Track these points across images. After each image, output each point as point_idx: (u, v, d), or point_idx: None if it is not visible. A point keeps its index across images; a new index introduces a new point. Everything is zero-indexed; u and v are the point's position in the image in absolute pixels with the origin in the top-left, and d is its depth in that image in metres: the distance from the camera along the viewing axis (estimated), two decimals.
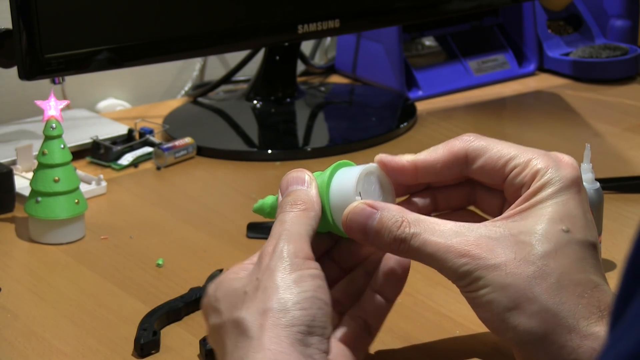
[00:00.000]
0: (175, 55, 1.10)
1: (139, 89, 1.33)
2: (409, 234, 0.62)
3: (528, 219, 0.62)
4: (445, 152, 0.66)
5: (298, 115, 1.21)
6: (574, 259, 0.61)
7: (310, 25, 1.12)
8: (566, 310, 0.60)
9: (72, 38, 0.98)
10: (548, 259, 0.60)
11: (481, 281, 0.60)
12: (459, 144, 0.65)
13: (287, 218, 0.63)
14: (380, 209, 0.63)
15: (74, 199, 0.88)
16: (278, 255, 0.60)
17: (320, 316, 0.58)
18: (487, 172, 0.65)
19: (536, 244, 0.61)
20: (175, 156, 1.07)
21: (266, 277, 0.59)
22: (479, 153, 0.65)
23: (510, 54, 1.37)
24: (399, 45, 1.29)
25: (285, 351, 0.57)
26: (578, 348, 0.60)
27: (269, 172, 1.06)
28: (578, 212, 0.62)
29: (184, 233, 0.91)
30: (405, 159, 0.67)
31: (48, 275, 0.83)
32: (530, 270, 0.60)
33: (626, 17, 1.42)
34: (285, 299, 0.58)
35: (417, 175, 0.67)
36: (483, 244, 0.61)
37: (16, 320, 0.76)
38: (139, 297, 0.79)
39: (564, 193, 0.62)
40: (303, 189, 0.65)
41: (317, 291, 0.59)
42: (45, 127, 0.87)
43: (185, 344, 0.72)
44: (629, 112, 1.23)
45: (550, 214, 0.62)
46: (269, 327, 0.57)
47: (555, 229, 0.61)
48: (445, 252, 0.61)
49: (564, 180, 0.62)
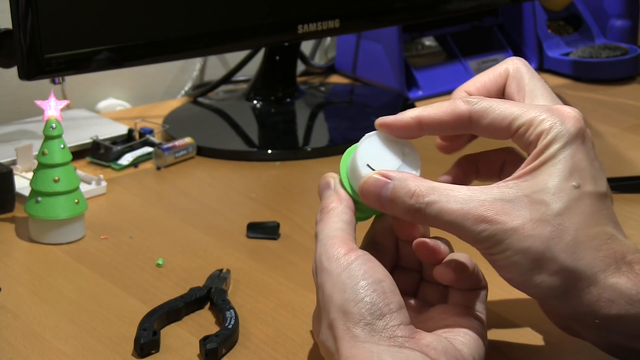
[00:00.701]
0: (175, 55, 1.10)
1: (139, 89, 1.33)
2: (423, 203, 0.63)
3: (538, 177, 0.63)
4: (450, 112, 0.66)
5: (298, 115, 1.21)
6: (587, 213, 0.62)
7: (310, 25, 1.12)
8: (584, 265, 0.61)
9: (72, 38, 0.98)
10: (563, 217, 0.62)
11: (501, 245, 0.62)
12: (463, 105, 0.66)
13: (317, 229, 0.65)
14: (393, 179, 0.64)
15: (74, 199, 0.88)
16: (319, 269, 0.62)
17: (377, 297, 0.60)
18: (492, 133, 0.66)
19: (550, 202, 0.62)
20: (175, 156, 1.07)
21: (320, 295, 0.62)
22: (482, 115, 0.65)
23: (510, 54, 1.37)
24: (399, 45, 1.29)
25: (363, 350, 0.58)
26: (597, 300, 0.62)
27: (269, 172, 1.06)
28: (585, 164, 0.63)
29: (184, 233, 0.91)
30: (408, 115, 0.67)
31: (48, 275, 0.83)
32: (547, 230, 0.61)
33: (626, 17, 1.42)
34: (340, 304, 0.60)
35: (422, 131, 0.67)
36: (499, 207, 0.62)
37: (16, 320, 0.76)
38: (139, 297, 0.79)
39: (570, 147, 0.63)
40: (329, 190, 0.67)
41: (365, 278, 0.60)
42: (45, 127, 0.88)
43: (185, 344, 0.72)
44: (629, 112, 1.23)
45: (559, 170, 0.62)
46: (340, 337, 0.60)
47: (566, 185, 0.62)
48: (463, 219, 0.62)
49: (569, 134, 0.63)
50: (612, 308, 0.61)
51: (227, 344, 0.70)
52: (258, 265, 0.84)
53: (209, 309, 0.77)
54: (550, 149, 0.63)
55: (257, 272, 0.83)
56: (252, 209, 0.96)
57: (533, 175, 0.63)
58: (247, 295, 0.79)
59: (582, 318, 0.63)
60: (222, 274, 0.80)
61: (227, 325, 0.72)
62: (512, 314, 0.75)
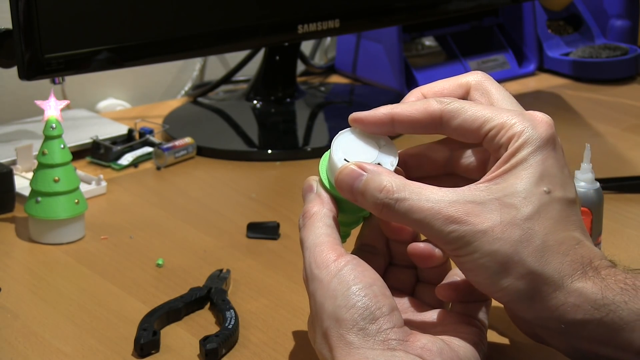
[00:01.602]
0: (175, 55, 1.10)
1: (139, 89, 1.33)
2: (392, 199, 0.62)
3: (509, 180, 0.63)
4: (422, 111, 0.66)
5: (298, 115, 1.21)
6: (556, 218, 0.62)
7: (310, 25, 1.12)
8: (551, 270, 0.61)
9: (72, 38, 0.98)
10: (532, 222, 0.62)
11: (470, 247, 0.61)
12: (435, 104, 0.66)
13: (302, 234, 0.65)
14: (368, 172, 0.64)
15: (74, 199, 0.88)
16: (310, 277, 0.62)
17: (369, 301, 0.60)
18: (462, 134, 0.66)
19: (520, 206, 0.62)
20: (175, 156, 1.07)
21: (312, 304, 0.62)
22: (454, 115, 0.65)
23: (510, 54, 1.37)
24: (399, 45, 1.29)
25: (358, 356, 0.59)
26: (563, 304, 0.62)
27: (269, 172, 1.06)
28: (556, 170, 0.63)
29: (184, 233, 0.91)
30: (381, 112, 0.67)
31: (48, 275, 0.83)
32: (517, 234, 0.61)
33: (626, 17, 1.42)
34: (332, 311, 0.60)
35: (394, 127, 0.67)
36: (469, 209, 0.62)
37: (16, 320, 0.76)
38: (139, 297, 0.79)
39: (541, 152, 0.63)
40: (311, 194, 0.67)
41: (355, 283, 0.60)
42: (45, 127, 0.87)
43: (185, 344, 0.72)
44: (629, 112, 1.23)
45: (530, 175, 0.62)
46: (334, 345, 0.60)
47: (537, 190, 0.62)
48: (432, 219, 0.62)
49: (540, 139, 0.63)
50: (577, 313, 0.61)
51: (227, 344, 0.70)
52: (258, 265, 0.84)
53: (209, 309, 0.77)
54: (521, 152, 0.63)
55: (257, 272, 0.83)
56: (252, 209, 0.96)
57: (504, 178, 0.63)
58: (247, 295, 0.79)
59: (547, 323, 0.63)
60: (222, 274, 0.80)
61: (227, 325, 0.72)
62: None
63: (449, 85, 0.69)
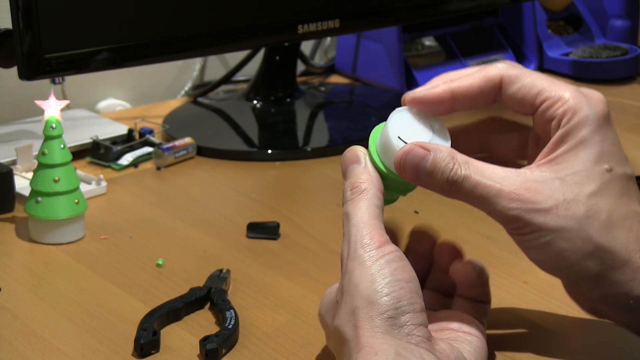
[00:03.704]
0: (175, 55, 1.10)
1: (139, 89, 1.34)
2: (460, 175, 0.63)
3: (570, 160, 0.63)
4: (481, 77, 0.66)
5: (298, 115, 1.21)
6: (619, 195, 0.63)
7: (310, 25, 1.12)
8: (618, 245, 0.62)
9: (72, 38, 0.98)
10: (596, 198, 0.62)
11: (533, 225, 0.62)
12: (494, 70, 0.66)
13: (349, 208, 0.63)
14: (432, 151, 0.64)
15: (74, 199, 0.88)
16: (352, 255, 0.61)
17: (404, 295, 0.60)
18: (518, 100, 0.66)
19: (583, 184, 0.62)
20: (175, 156, 1.07)
21: (347, 281, 0.61)
22: (513, 80, 0.66)
23: (510, 54, 1.37)
24: (399, 45, 1.29)
25: (382, 340, 0.58)
26: (631, 280, 0.62)
27: (269, 172, 1.06)
28: (614, 148, 0.64)
29: (184, 233, 0.91)
30: (440, 89, 0.66)
31: (48, 275, 0.83)
32: (581, 210, 0.62)
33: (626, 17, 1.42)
34: (367, 294, 0.59)
35: (454, 103, 0.67)
36: (532, 187, 0.62)
37: (16, 320, 0.76)
38: (139, 297, 0.79)
39: (599, 131, 0.64)
40: (359, 166, 0.65)
41: (395, 274, 0.60)
42: (45, 127, 0.87)
43: (185, 344, 0.72)
44: (629, 112, 1.23)
45: (591, 154, 0.63)
46: (361, 325, 0.59)
47: (598, 169, 0.63)
48: (496, 196, 0.62)
49: (598, 118, 0.64)
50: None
51: (227, 344, 0.70)
52: (258, 265, 0.84)
53: (209, 309, 0.77)
54: (580, 132, 0.63)
55: (257, 272, 0.83)
56: (252, 209, 0.96)
57: (564, 158, 0.63)
58: (247, 295, 0.79)
59: (615, 300, 0.63)
60: (222, 274, 0.80)
61: (227, 325, 0.72)
62: (512, 314, 0.75)
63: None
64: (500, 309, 0.76)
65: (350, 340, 0.59)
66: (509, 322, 0.74)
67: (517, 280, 0.79)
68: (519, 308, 0.76)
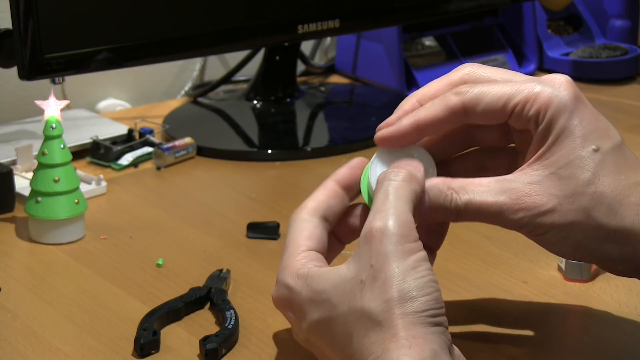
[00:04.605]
0: (175, 55, 1.10)
1: (139, 89, 1.34)
2: (461, 204, 0.64)
3: (557, 152, 0.64)
4: (443, 108, 0.66)
5: (298, 115, 1.21)
6: (615, 171, 0.64)
7: (310, 25, 1.12)
8: (629, 224, 0.63)
9: (72, 38, 0.98)
10: (595, 184, 0.63)
11: (545, 226, 0.63)
12: (454, 98, 0.66)
13: (392, 189, 0.63)
14: (426, 190, 0.65)
15: (74, 199, 0.88)
16: (389, 240, 0.60)
17: (439, 296, 0.59)
18: (488, 118, 0.66)
19: (578, 174, 0.63)
20: (175, 156, 1.07)
21: (381, 265, 0.59)
22: (476, 102, 0.66)
23: (510, 54, 1.37)
24: (399, 45, 1.29)
25: (420, 335, 0.57)
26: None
27: (269, 172, 1.06)
28: (594, 124, 0.64)
29: (184, 233, 0.91)
30: (404, 124, 0.67)
31: (48, 275, 0.83)
32: (585, 200, 0.63)
33: (626, 17, 1.42)
34: (407, 288, 0.58)
35: (421, 134, 0.67)
36: (531, 192, 0.63)
37: (16, 320, 0.76)
38: (139, 297, 0.79)
39: (576, 113, 0.64)
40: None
41: (430, 274, 0.60)
42: (45, 127, 0.87)
43: (185, 344, 0.72)
44: (629, 112, 1.23)
45: (575, 141, 0.63)
46: (399, 316, 0.58)
47: (586, 153, 0.63)
48: (499, 211, 0.63)
49: (570, 101, 0.64)
50: None
51: (227, 344, 0.70)
52: (258, 265, 0.84)
53: (209, 309, 0.77)
54: (558, 121, 0.64)
55: (257, 272, 0.83)
56: (252, 209, 0.96)
57: (552, 152, 0.64)
58: (247, 295, 0.79)
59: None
60: (222, 274, 0.80)
61: (227, 325, 0.72)
62: (512, 314, 0.75)
63: (442, 86, 0.68)
64: (500, 309, 0.76)
65: (384, 327, 0.58)
66: (509, 322, 0.74)
67: (517, 280, 0.79)
68: (519, 308, 0.76)
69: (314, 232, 0.67)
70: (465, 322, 0.74)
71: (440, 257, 0.71)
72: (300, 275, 0.64)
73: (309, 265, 0.64)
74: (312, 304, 0.62)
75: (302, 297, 0.63)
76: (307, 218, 0.67)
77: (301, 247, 0.66)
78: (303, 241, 0.66)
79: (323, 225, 0.68)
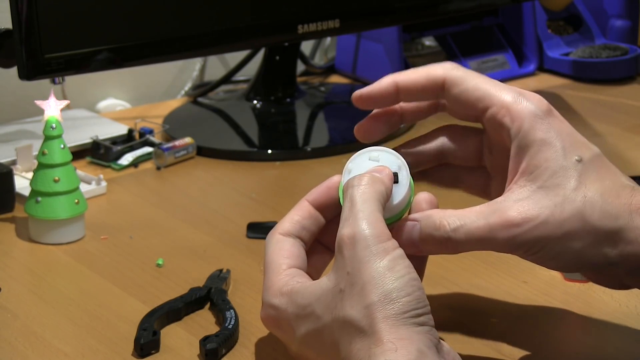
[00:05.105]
0: (175, 55, 1.10)
1: (139, 89, 1.33)
2: (450, 229, 0.63)
3: (541, 165, 0.63)
4: (425, 74, 0.67)
5: (298, 115, 1.21)
6: (600, 178, 0.63)
7: (310, 25, 1.12)
8: (624, 224, 0.63)
9: (72, 38, 0.98)
10: (583, 190, 0.63)
11: (540, 242, 0.62)
12: (439, 69, 0.67)
13: (357, 195, 0.63)
14: (418, 219, 0.65)
15: (74, 199, 0.88)
16: (360, 244, 0.60)
17: (421, 294, 0.59)
18: (462, 102, 0.67)
19: (564, 183, 0.63)
20: (175, 156, 1.07)
21: (357, 271, 0.59)
22: (456, 82, 0.66)
23: (510, 54, 1.37)
24: (399, 45, 1.29)
25: (405, 336, 0.57)
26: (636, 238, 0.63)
27: (269, 172, 1.06)
28: (573, 137, 0.65)
29: (184, 233, 0.91)
30: (384, 81, 0.68)
31: (48, 275, 0.83)
32: (576, 206, 0.62)
33: (626, 17, 1.42)
34: (386, 290, 0.58)
35: (399, 95, 0.68)
36: (521, 208, 0.62)
37: (16, 320, 0.76)
38: (139, 297, 0.79)
39: (553, 126, 0.64)
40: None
41: (410, 272, 0.60)
42: (45, 127, 0.87)
43: (185, 344, 0.72)
44: (629, 112, 1.23)
45: (556, 152, 0.63)
46: (381, 320, 0.58)
47: (569, 162, 0.63)
48: (492, 232, 0.62)
49: (545, 114, 0.64)
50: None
51: (227, 344, 0.70)
52: (258, 265, 0.84)
53: (209, 309, 0.77)
54: (537, 134, 0.64)
55: (257, 272, 0.83)
56: (252, 209, 0.96)
57: (535, 164, 0.63)
58: (247, 295, 0.79)
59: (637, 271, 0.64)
60: (222, 274, 0.80)
61: (227, 325, 0.72)
62: (512, 314, 0.75)
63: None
64: (500, 309, 0.76)
65: (367, 333, 0.58)
66: (509, 322, 0.74)
67: (517, 280, 0.79)
68: (519, 308, 0.76)
69: (292, 251, 0.67)
70: (465, 322, 0.74)
71: (440, 257, 0.71)
72: (284, 293, 0.64)
73: (292, 282, 0.65)
74: (298, 319, 0.63)
75: (289, 314, 0.64)
76: (281, 239, 0.68)
77: (282, 265, 0.66)
78: (283, 260, 0.66)
79: (300, 243, 0.68)
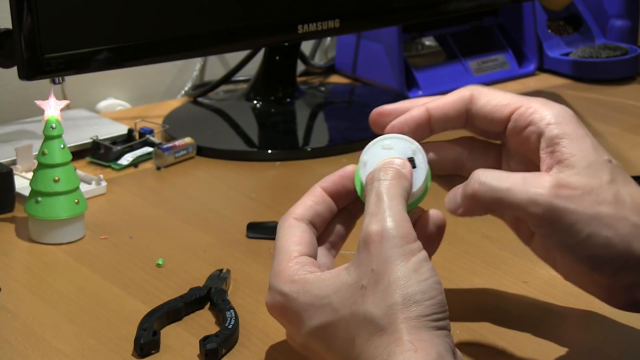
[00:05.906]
0: (175, 55, 1.10)
1: (139, 89, 1.34)
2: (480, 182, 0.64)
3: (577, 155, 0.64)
4: (453, 95, 0.68)
5: (298, 115, 1.21)
6: (626, 181, 0.64)
7: (310, 25, 1.12)
8: None
9: (72, 38, 0.98)
10: (615, 185, 0.63)
11: (571, 215, 0.62)
12: (465, 89, 0.69)
13: (383, 190, 0.63)
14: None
15: (74, 199, 0.88)
16: (388, 243, 0.60)
17: (443, 299, 0.59)
18: (488, 112, 0.67)
19: (599, 175, 0.63)
20: (175, 156, 1.07)
21: (383, 269, 0.59)
22: (484, 93, 0.68)
23: (510, 54, 1.37)
24: (399, 45, 1.29)
25: (426, 338, 0.57)
26: None
27: (269, 172, 1.06)
28: (596, 140, 0.66)
29: (184, 233, 0.91)
30: (416, 112, 0.69)
31: (48, 275, 0.83)
32: (610, 196, 0.63)
33: (626, 17, 1.42)
34: (410, 292, 0.58)
35: (431, 125, 0.69)
36: (557, 179, 0.62)
37: (16, 320, 0.76)
38: (139, 297, 0.79)
39: (581, 125, 0.65)
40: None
41: (433, 275, 0.60)
42: (45, 127, 0.88)
43: (185, 344, 0.72)
44: (629, 112, 1.23)
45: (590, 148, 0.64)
46: (403, 320, 0.58)
47: (602, 160, 0.64)
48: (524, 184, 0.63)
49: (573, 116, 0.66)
50: None
51: (227, 344, 0.70)
52: (258, 265, 0.84)
53: (209, 309, 0.77)
54: (569, 127, 0.64)
55: (257, 272, 0.83)
56: (252, 209, 0.96)
57: (570, 153, 0.64)
58: (247, 295, 0.79)
59: None
60: (222, 274, 0.80)
61: (227, 325, 0.72)
62: (512, 314, 0.75)
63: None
64: (500, 309, 0.76)
65: (388, 332, 0.58)
66: (509, 322, 0.74)
67: (517, 280, 0.79)
68: (519, 308, 0.76)
69: (303, 237, 0.67)
70: (465, 322, 0.74)
71: (440, 257, 0.71)
72: (295, 281, 0.64)
73: (303, 271, 0.64)
74: (311, 309, 0.62)
75: (300, 303, 0.63)
76: (294, 224, 0.67)
77: (293, 252, 0.66)
78: (294, 247, 0.66)
79: (311, 230, 0.68)
